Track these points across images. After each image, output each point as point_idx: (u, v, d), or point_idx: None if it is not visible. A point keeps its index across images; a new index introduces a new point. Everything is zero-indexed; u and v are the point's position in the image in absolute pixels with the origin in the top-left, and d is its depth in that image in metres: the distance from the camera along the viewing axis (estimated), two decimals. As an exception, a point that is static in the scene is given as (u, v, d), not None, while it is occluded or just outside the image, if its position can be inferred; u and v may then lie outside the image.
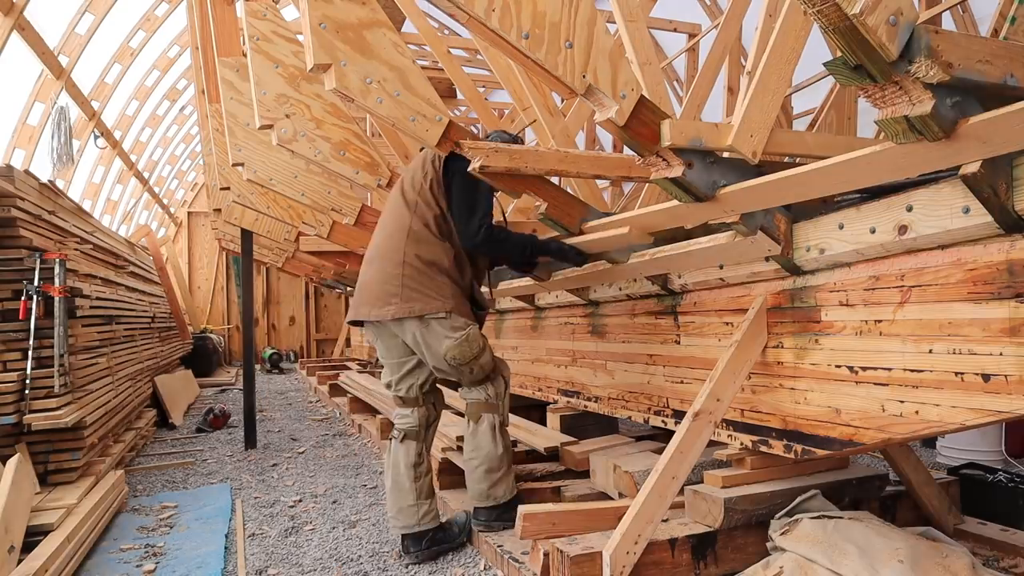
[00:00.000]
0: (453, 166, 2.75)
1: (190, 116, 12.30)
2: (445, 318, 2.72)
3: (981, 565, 2.05)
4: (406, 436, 2.94)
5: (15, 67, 6.20)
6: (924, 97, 1.30)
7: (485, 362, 2.86)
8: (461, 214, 2.76)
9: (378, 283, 2.80)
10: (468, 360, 2.78)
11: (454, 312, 2.74)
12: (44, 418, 3.50)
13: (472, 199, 2.75)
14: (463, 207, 2.76)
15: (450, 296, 2.74)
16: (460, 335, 2.74)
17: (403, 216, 2.82)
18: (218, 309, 14.61)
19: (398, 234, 2.79)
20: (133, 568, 2.92)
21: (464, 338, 2.74)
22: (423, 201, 2.80)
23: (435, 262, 2.75)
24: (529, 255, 2.89)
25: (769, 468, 2.55)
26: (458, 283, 2.80)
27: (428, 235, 2.76)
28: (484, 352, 2.85)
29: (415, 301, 2.71)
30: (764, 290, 2.47)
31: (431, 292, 2.72)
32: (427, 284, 2.72)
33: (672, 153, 1.93)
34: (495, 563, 2.74)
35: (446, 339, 2.73)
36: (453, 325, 2.74)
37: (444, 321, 2.73)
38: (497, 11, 1.73)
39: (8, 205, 3.77)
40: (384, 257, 2.81)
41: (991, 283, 1.74)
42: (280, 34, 3.17)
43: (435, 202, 2.80)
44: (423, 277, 2.73)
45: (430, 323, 2.72)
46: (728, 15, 4.01)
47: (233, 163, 3.90)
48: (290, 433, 6.13)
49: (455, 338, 2.73)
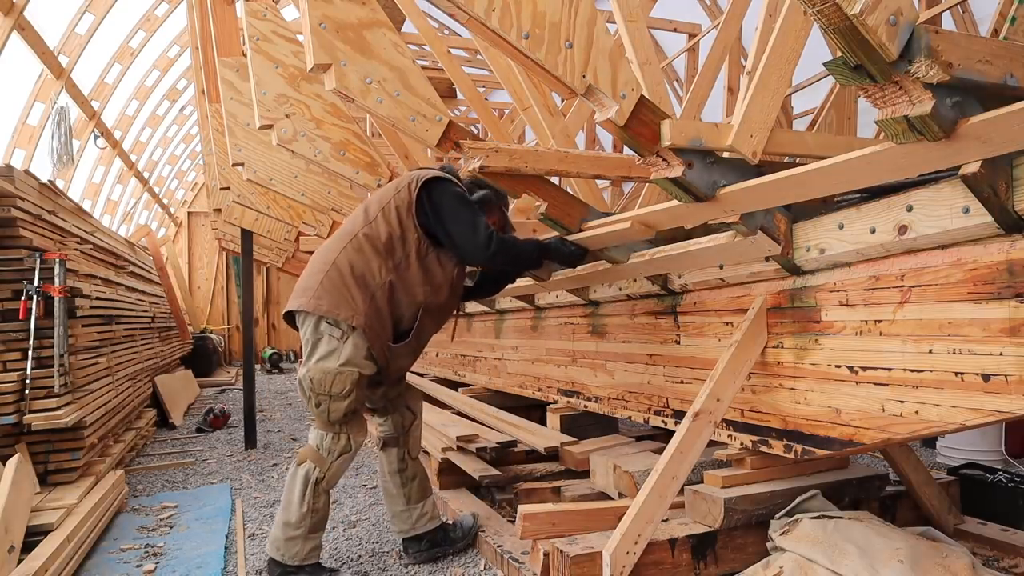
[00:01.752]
0: (436, 194, 2.62)
1: (190, 116, 12.30)
2: (339, 338, 2.51)
3: (981, 565, 2.05)
4: (385, 444, 2.91)
5: (15, 67, 6.20)
6: (924, 97, 1.30)
7: (335, 409, 2.54)
8: (463, 233, 2.61)
9: (305, 276, 2.67)
10: (321, 392, 2.52)
11: (355, 333, 2.52)
12: (44, 418, 3.50)
13: (469, 216, 2.61)
14: (464, 226, 2.61)
15: (361, 312, 2.52)
16: (334, 363, 2.50)
17: (356, 222, 2.67)
18: (218, 309, 14.62)
19: (343, 238, 2.65)
20: (133, 568, 2.92)
21: (334, 370, 2.50)
22: (384, 217, 2.62)
23: (365, 275, 2.56)
24: (536, 258, 2.77)
25: (769, 468, 2.55)
26: (381, 307, 2.57)
27: (370, 249, 2.59)
28: (345, 400, 2.53)
29: (323, 300, 2.53)
30: (764, 290, 2.47)
31: (342, 301, 2.52)
32: (344, 292, 2.54)
33: (672, 153, 1.93)
34: (495, 563, 2.74)
35: (324, 359, 2.51)
36: (341, 351, 2.51)
37: (336, 340, 2.52)
38: (497, 11, 1.73)
39: (8, 205, 3.77)
40: (321, 255, 2.68)
41: (991, 283, 1.74)
42: (280, 34, 3.18)
43: (397, 223, 2.62)
44: (342, 284, 2.55)
45: (324, 334, 2.53)
46: (728, 15, 4.01)
47: (233, 163, 3.90)
48: (290, 433, 6.13)
49: (325, 360, 2.51)
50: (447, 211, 2.62)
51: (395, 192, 2.67)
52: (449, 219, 2.61)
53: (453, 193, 2.63)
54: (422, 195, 2.61)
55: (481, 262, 2.72)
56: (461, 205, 2.63)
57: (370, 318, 2.55)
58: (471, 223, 2.61)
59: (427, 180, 2.63)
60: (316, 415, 2.59)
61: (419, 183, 2.62)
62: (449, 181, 2.67)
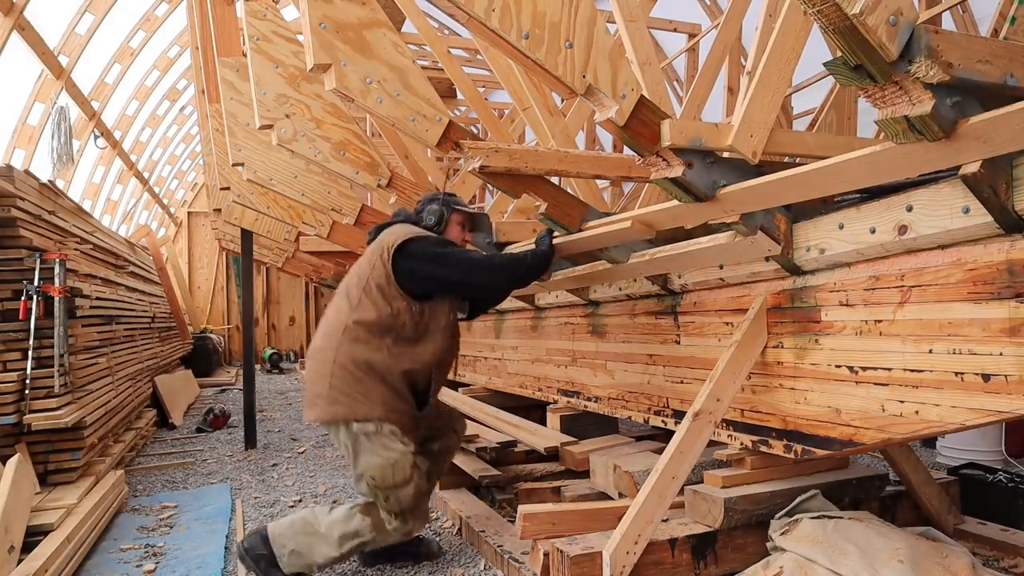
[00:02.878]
0: (413, 258, 2.59)
1: (190, 116, 12.30)
2: (375, 432, 2.51)
3: (981, 565, 2.05)
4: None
5: (15, 67, 6.19)
6: (924, 97, 1.30)
7: (405, 497, 2.54)
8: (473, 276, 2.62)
9: (310, 383, 2.62)
10: (385, 486, 2.52)
11: (386, 422, 2.53)
12: (44, 418, 3.50)
13: (465, 261, 2.61)
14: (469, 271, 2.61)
15: (379, 401, 2.52)
16: (386, 456, 2.50)
17: (341, 311, 2.63)
18: (218, 309, 14.61)
19: (334, 333, 2.59)
20: (133, 568, 2.92)
21: (390, 462, 2.50)
22: (368, 298, 2.59)
23: (370, 362, 2.53)
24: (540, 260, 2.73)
25: (769, 468, 2.55)
26: (397, 386, 2.56)
27: (366, 334, 2.55)
28: (409, 485, 2.54)
29: (339, 404, 2.51)
30: (764, 290, 2.47)
31: (358, 395, 2.50)
32: (355, 387, 2.51)
33: (672, 153, 1.93)
34: (495, 563, 2.74)
35: (373, 455, 2.51)
36: (385, 442, 2.51)
37: (374, 436, 2.51)
38: (497, 11, 1.73)
39: (8, 205, 3.77)
40: (317, 356, 2.62)
41: (991, 283, 1.74)
42: (280, 34, 3.17)
43: (382, 300, 2.58)
44: (351, 379, 2.51)
45: (358, 435, 2.51)
46: (728, 15, 4.01)
47: (233, 163, 3.90)
48: (290, 433, 6.13)
49: (378, 456, 2.51)
50: (435, 267, 2.60)
51: (370, 269, 2.62)
52: (440, 276, 2.61)
53: (427, 249, 2.61)
54: (398, 264, 2.59)
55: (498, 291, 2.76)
56: (443, 255, 2.60)
57: (390, 401, 2.55)
58: (471, 266, 2.61)
59: (397, 248, 2.59)
60: (387, 509, 2.55)
61: (391, 253, 2.59)
62: (418, 238, 2.63)
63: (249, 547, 2.60)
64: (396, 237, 2.63)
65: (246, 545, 2.61)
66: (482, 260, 2.68)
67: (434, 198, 2.90)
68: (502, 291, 2.90)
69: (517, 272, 2.71)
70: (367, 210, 4.11)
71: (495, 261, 2.70)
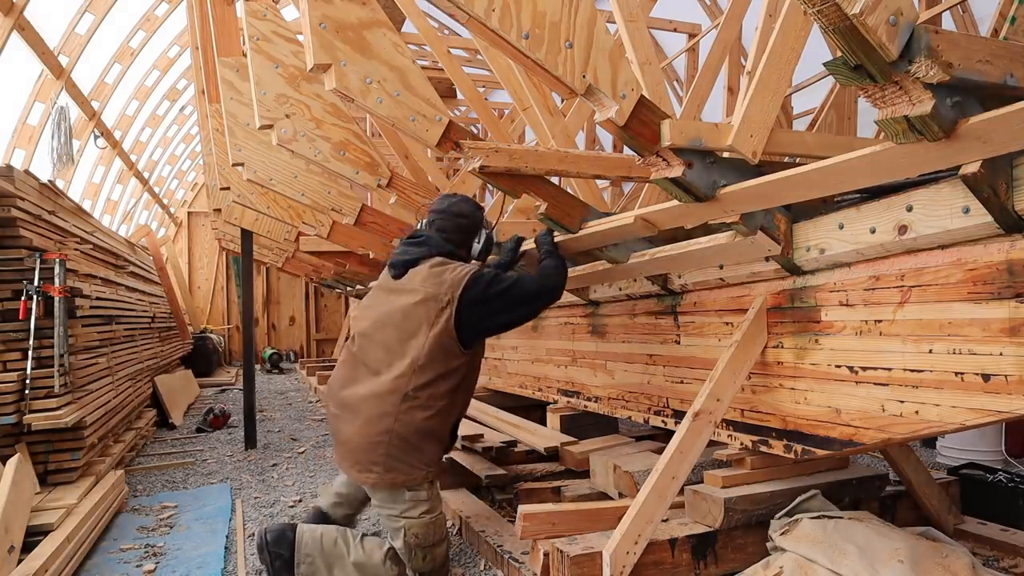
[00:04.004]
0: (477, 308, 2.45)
1: (190, 116, 12.29)
2: (419, 488, 2.45)
3: (981, 565, 2.05)
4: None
5: (15, 67, 6.19)
6: (924, 97, 1.30)
7: (439, 555, 2.48)
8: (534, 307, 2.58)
9: (359, 448, 2.45)
10: (426, 544, 2.44)
11: (434, 481, 2.51)
12: (44, 418, 3.50)
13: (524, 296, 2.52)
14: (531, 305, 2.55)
15: (434, 463, 2.49)
16: (430, 515, 2.45)
17: (395, 370, 2.42)
18: (218, 309, 14.60)
19: (390, 397, 2.41)
20: (133, 568, 2.92)
21: (433, 520, 2.45)
22: (431, 363, 2.41)
23: (431, 430, 2.44)
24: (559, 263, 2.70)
25: (769, 468, 2.55)
26: (443, 440, 2.55)
27: (427, 400, 2.42)
28: (443, 544, 2.50)
29: (397, 472, 2.41)
30: (764, 290, 2.47)
31: (415, 462, 2.42)
32: (414, 455, 2.42)
33: (672, 153, 1.93)
34: (495, 563, 2.74)
35: (415, 513, 2.43)
36: (427, 498, 2.46)
37: (418, 491, 2.45)
38: (497, 11, 1.73)
39: (8, 205, 3.77)
40: (369, 417, 2.44)
41: (991, 283, 1.74)
42: (280, 34, 3.17)
43: (443, 358, 2.42)
44: (410, 448, 2.41)
45: (405, 495, 2.44)
46: (728, 15, 4.01)
47: (233, 163, 3.90)
48: (290, 433, 6.12)
49: (425, 515, 2.44)
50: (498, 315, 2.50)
51: (429, 326, 2.42)
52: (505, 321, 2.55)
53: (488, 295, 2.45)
54: (461, 319, 2.42)
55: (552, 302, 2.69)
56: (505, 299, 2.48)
57: (439, 456, 2.56)
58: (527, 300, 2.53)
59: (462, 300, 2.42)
60: (420, 567, 2.46)
61: (454, 309, 2.41)
62: (471, 285, 2.44)
63: (273, 541, 2.47)
64: (449, 291, 2.44)
65: (270, 539, 2.47)
66: (538, 288, 2.56)
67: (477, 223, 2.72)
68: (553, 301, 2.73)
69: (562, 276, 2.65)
70: (367, 210, 4.11)
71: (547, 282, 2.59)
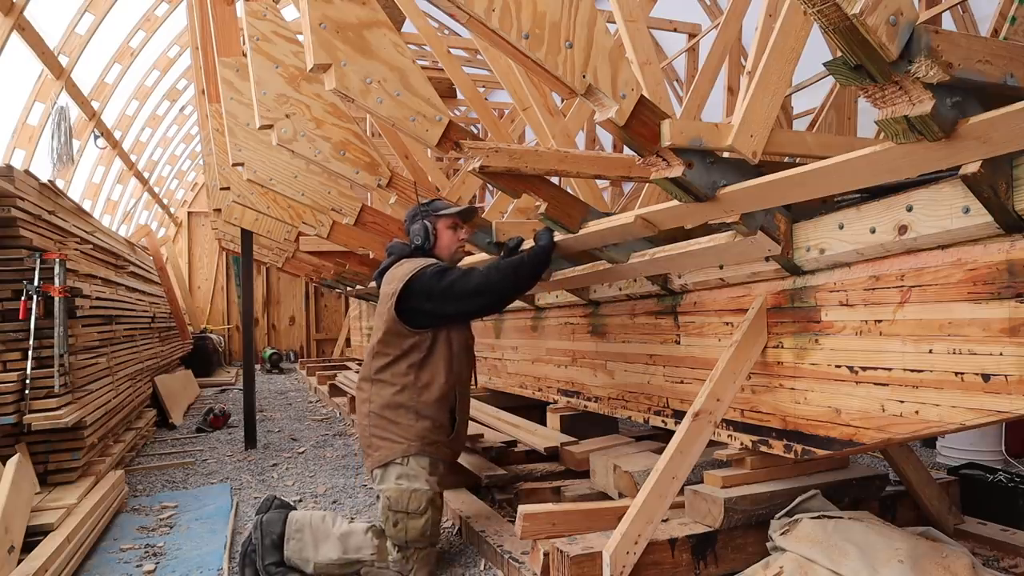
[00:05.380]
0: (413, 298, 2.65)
1: (190, 116, 12.30)
2: (401, 463, 2.64)
3: (981, 565, 2.05)
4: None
5: (15, 67, 6.19)
6: (924, 97, 1.30)
7: (413, 527, 2.59)
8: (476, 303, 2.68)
9: (361, 439, 2.80)
10: (399, 509, 2.59)
11: (418, 455, 2.65)
12: (44, 418, 3.50)
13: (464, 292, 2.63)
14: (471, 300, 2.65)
15: (415, 437, 2.65)
16: (407, 483, 2.61)
17: (367, 362, 2.79)
18: (218, 309, 14.61)
19: (365, 384, 2.77)
20: (133, 568, 2.92)
21: (409, 489, 2.60)
22: (385, 347, 2.72)
23: (400, 404, 2.67)
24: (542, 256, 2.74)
25: (769, 468, 2.55)
26: (431, 415, 2.69)
27: (389, 377, 2.70)
28: (421, 519, 2.59)
29: (381, 450, 2.67)
30: (764, 290, 2.47)
31: (393, 436, 2.66)
32: (391, 430, 2.66)
33: (672, 153, 1.93)
34: (495, 563, 2.74)
35: (392, 478, 2.63)
36: (409, 472, 2.63)
37: (399, 467, 2.64)
38: (497, 11, 1.73)
39: (8, 205, 3.76)
40: (359, 411, 2.80)
41: (991, 283, 1.74)
42: (280, 34, 3.17)
43: (397, 340, 2.69)
44: (386, 423, 2.67)
45: (388, 467, 2.66)
46: (728, 15, 4.01)
47: (233, 163, 3.90)
48: (290, 433, 6.12)
49: (401, 481, 2.62)
50: (436, 306, 2.66)
51: (383, 322, 2.72)
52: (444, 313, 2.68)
53: (426, 288, 2.64)
54: (402, 309, 2.66)
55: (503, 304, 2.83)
56: (442, 292, 2.63)
57: (427, 435, 2.67)
58: (468, 295, 2.63)
59: (398, 297, 2.64)
60: (393, 535, 2.60)
61: (394, 302, 2.65)
62: (414, 279, 2.65)
63: (267, 522, 2.64)
64: (395, 286, 2.68)
65: (264, 519, 2.65)
66: (480, 284, 2.64)
67: (414, 214, 2.93)
68: (508, 301, 2.87)
69: (520, 276, 2.70)
70: (367, 210, 4.11)
71: (492, 277, 2.65)
